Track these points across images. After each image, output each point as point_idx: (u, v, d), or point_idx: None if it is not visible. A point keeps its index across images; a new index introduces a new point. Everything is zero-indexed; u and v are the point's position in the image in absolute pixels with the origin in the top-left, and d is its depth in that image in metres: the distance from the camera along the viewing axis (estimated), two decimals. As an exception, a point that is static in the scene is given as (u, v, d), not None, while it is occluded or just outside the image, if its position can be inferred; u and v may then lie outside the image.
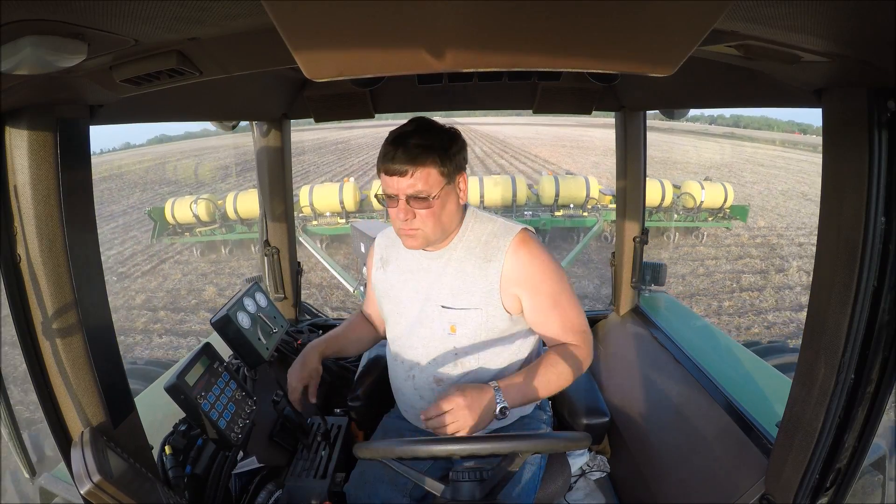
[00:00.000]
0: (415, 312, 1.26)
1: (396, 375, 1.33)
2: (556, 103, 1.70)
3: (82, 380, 0.83)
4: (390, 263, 1.34)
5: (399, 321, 1.30)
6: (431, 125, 1.15)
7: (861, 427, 0.87)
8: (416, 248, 1.20)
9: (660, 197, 9.56)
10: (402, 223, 1.14)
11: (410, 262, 1.28)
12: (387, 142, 1.13)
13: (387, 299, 1.33)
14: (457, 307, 1.20)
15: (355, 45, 0.46)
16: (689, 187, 9.84)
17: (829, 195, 0.82)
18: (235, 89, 1.40)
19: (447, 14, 0.43)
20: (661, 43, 0.47)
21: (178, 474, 1.06)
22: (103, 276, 0.89)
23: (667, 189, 9.68)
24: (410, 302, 1.27)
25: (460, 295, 1.20)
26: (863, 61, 0.66)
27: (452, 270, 1.21)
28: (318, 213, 9.64)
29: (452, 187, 1.16)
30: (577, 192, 9.77)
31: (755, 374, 1.60)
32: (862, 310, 0.79)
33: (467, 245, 1.22)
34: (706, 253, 9.35)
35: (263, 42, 0.62)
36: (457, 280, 1.21)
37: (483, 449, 0.89)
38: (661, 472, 1.45)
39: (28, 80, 0.62)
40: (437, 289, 1.22)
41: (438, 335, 1.22)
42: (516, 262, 1.17)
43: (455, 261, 1.22)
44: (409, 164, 1.09)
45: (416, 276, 1.27)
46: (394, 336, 1.33)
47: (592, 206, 9.80)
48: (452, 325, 1.21)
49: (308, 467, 1.33)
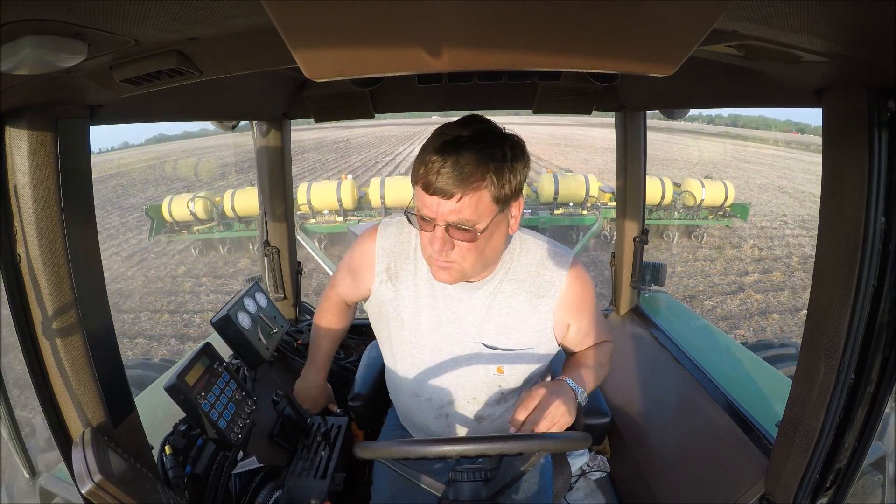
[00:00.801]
0: (444, 346, 1.10)
1: (421, 411, 1.19)
2: (556, 103, 1.70)
3: (82, 380, 0.83)
4: (402, 280, 1.10)
5: (413, 352, 1.13)
6: (492, 131, 0.90)
7: (861, 427, 0.87)
8: (447, 283, 1.00)
9: (660, 195, 9.55)
10: (437, 253, 0.93)
11: (435, 287, 1.08)
12: (431, 148, 0.88)
13: (396, 322, 1.12)
14: (505, 348, 1.07)
15: (355, 45, 0.46)
16: (690, 185, 9.83)
17: (829, 195, 0.82)
18: (235, 89, 1.40)
19: (447, 14, 0.43)
20: (661, 43, 0.47)
21: (178, 474, 1.06)
22: (103, 276, 0.89)
23: (667, 187, 9.66)
24: (435, 333, 1.09)
25: (510, 334, 1.06)
26: (863, 61, 0.66)
27: (498, 307, 1.06)
28: (317, 212, 9.62)
29: (504, 216, 0.95)
30: (577, 191, 9.74)
31: (755, 374, 1.60)
32: (862, 310, 0.79)
33: (515, 278, 1.06)
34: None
35: (263, 42, 0.62)
36: (503, 317, 1.06)
37: (483, 449, 0.89)
38: (661, 472, 1.45)
39: (28, 80, 0.61)
40: (477, 325, 1.07)
41: (481, 375, 1.10)
42: (571, 296, 1.06)
43: (502, 295, 1.05)
44: (457, 185, 0.86)
45: (442, 304, 1.08)
46: (408, 368, 1.15)
47: (592, 204, 9.75)
48: (500, 367, 1.09)
49: (308, 467, 1.33)
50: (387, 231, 1.12)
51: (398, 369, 1.18)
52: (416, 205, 0.93)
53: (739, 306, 6.88)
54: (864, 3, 0.51)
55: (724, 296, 7.20)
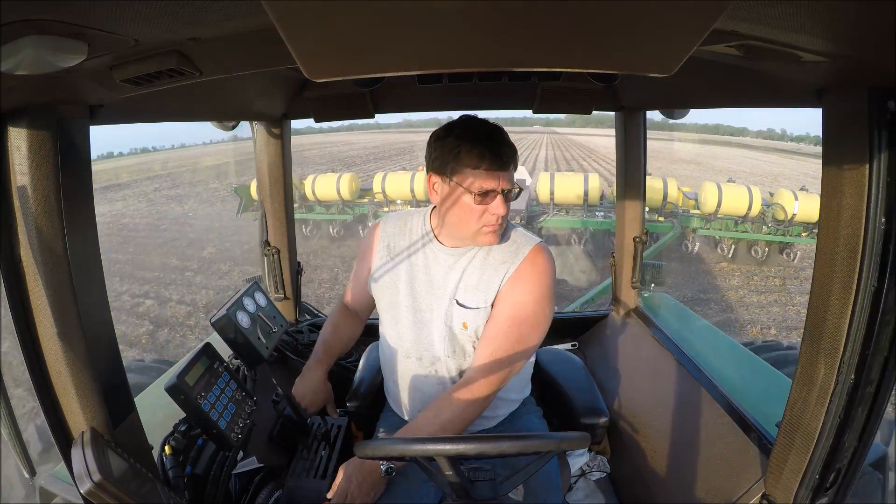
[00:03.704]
0: (434, 306, 1.25)
1: (414, 374, 1.30)
2: (556, 103, 1.70)
3: (82, 380, 0.83)
4: (399, 254, 1.31)
5: (407, 315, 1.27)
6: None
7: (861, 427, 0.87)
8: (493, 244, 1.20)
9: (746, 205, 8.51)
10: (494, 220, 1.14)
11: (426, 254, 1.27)
12: (480, 138, 1.10)
13: (393, 291, 1.30)
14: (470, 306, 1.21)
15: (355, 45, 0.46)
16: (782, 197, 8.55)
17: (829, 195, 0.82)
18: (235, 89, 1.40)
19: (447, 14, 0.43)
20: (661, 43, 0.47)
21: (178, 474, 1.06)
22: (103, 276, 0.89)
23: (755, 197, 8.57)
24: (428, 295, 1.26)
25: (475, 293, 1.21)
26: (863, 61, 0.66)
27: (472, 268, 1.23)
28: (390, 200, 10.19)
29: None
30: (651, 195, 8.54)
31: (755, 374, 1.60)
32: (862, 310, 0.79)
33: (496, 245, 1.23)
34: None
35: (263, 42, 0.62)
36: (473, 278, 1.22)
37: (482, 448, 0.89)
38: (661, 472, 1.45)
39: (28, 80, 0.62)
40: (454, 285, 1.23)
41: (455, 330, 1.23)
42: (519, 276, 1.19)
43: (477, 258, 1.23)
44: (513, 157, 1.12)
45: (433, 270, 1.26)
46: (403, 329, 1.29)
47: (670, 210, 8.94)
48: (464, 322, 1.22)
49: (308, 467, 1.33)
50: (388, 220, 1.39)
51: (393, 335, 1.31)
52: (477, 184, 1.10)
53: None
54: (864, 3, 0.51)
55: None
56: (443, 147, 1.13)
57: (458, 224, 1.17)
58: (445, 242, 1.25)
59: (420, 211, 1.35)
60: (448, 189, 1.14)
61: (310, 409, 1.36)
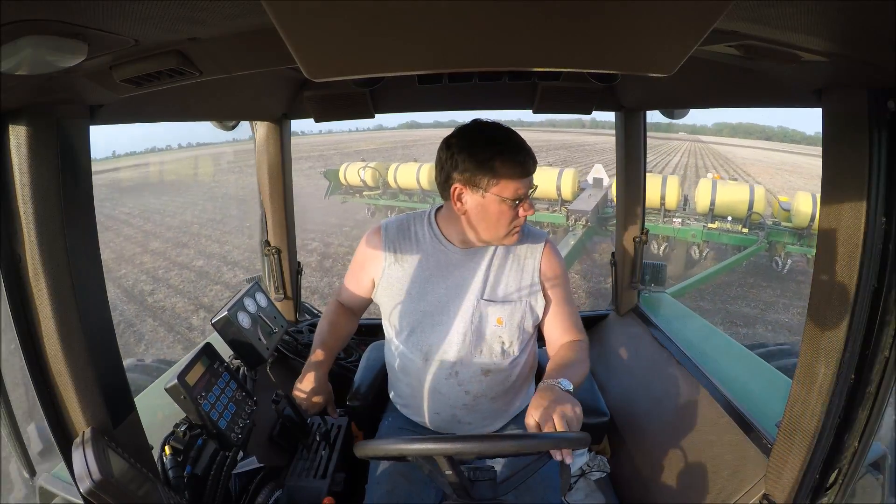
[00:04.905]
0: (452, 308, 1.25)
1: (433, 377, 1.28)
2: (556, 103, 1.70)
3: (82, 380, 0.83)
4: (408, 261, 1.30)
5: (425, 320, 1.26)
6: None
7: (861, 427, 0.87)
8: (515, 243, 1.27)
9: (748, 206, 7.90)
10: (522, 221, 1.21)
11: (438, 257, 1.28)
12: (508, 148, 1.14)
13: (407, 297, 1.28)
14: (502, 299, 1.26)
15: (355, 44, 0.46)
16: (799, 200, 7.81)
17: (829, 195, 0.82)
18: (235, 89, 1.40)
19: (447, 14, 0.43)
20: (661, 43, 0.47)
21: (178, 474, 1.05)
22: (103, 276, 0.89)
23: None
24: (445, 298, 1.26)
25: (505, 287, 1.27)
26: (863, 61, 0.66)
27: (494, 266, 1.28)
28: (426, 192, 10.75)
29: None
30: (736, 203, 7.99)
31: (755, 374, 1.60)
32: (862, 310, 0.79)
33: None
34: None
35: (263, 42, 0.62)
36: (498, 273, 1.27)
37: (482, 448, 0.89)
38: (661, 472, 1.45)
39: (28, 80, 0.62)
40: (479, 283, 1.26)
41: (485, 328, 1.26)
42: (549, 261, 1.29)
43: (498, 257, 1.28)
44: (535, 164, 1.19)
45: (447, 271, 1.27)
46: (419, 337, 1.27)
47: (758, 221, 7.95)
48: (499, 318, 1.25)
49: (308, 467, 1.33)
50: (388, 226, 1.35)
51: (410, 341, 1.29)
52: (509, 192, 1.15)
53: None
54: (864, 3, 0.51)
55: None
56: (472, 159, 1.14)
57: (489, 228, 1.21)
58: (457, 244, 1.27)
59: (418, 214, 1.34)
60: (480, 198, 1.16)
61: (310, 410, 1.36)
